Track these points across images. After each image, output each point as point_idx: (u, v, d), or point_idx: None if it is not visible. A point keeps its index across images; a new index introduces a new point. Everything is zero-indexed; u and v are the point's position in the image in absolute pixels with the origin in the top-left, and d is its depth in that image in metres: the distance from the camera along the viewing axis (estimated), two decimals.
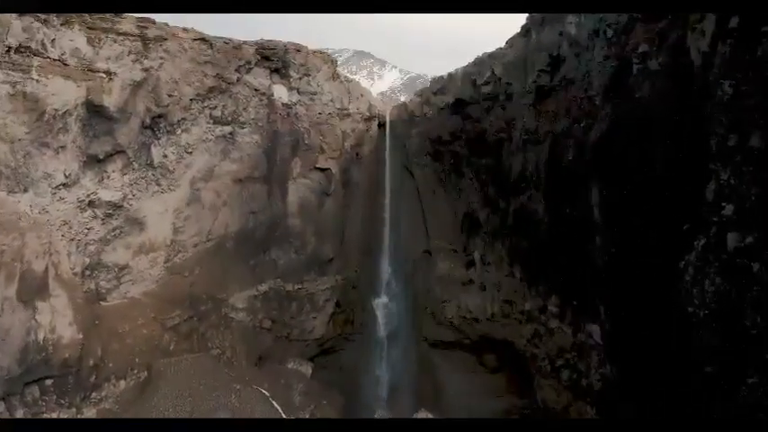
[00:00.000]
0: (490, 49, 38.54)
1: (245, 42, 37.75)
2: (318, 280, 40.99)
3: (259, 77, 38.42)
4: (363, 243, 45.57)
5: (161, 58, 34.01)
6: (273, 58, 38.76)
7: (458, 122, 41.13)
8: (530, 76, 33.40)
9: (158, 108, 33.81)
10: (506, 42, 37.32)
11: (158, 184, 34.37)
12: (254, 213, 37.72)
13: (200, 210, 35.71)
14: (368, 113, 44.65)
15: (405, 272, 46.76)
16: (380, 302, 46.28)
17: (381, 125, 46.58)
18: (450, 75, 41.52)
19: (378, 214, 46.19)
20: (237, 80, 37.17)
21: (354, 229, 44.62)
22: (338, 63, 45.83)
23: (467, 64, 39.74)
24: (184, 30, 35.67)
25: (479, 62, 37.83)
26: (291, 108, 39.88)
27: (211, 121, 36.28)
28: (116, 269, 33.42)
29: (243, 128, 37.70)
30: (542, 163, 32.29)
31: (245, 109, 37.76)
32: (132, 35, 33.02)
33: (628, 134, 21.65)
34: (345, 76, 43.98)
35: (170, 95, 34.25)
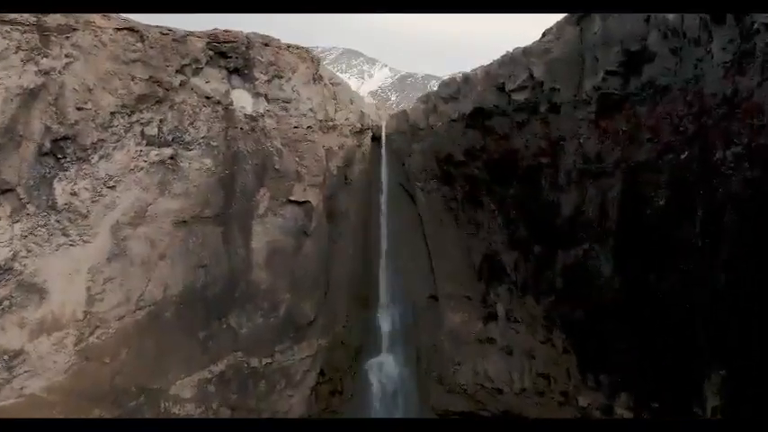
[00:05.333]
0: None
1: (190, 33, 27.62)
2: (295, 348, 31.12)
3: (212, 80, 28.43)
4: (354, 289, 35.99)
5: (68, 55, 24.09)
6: (232, 55, 28.73)
7: (476, 138, 31.48)
8: (589, 79, 23.77)
9: (63, 127, 23.87)
10: (544, 33, 27.60)
11: (65, 234, 24.35)
12: (205, 267, 27.74)
13: (128, 267, 25.70)
14: (359, 125, 34.85)
15: (405, 323, 37.25)
16: (375, 363, 36.81)
17: (376, 138, 36.87)
18: (465, 76, 31.72)
19: (372, 251, 36.76)
20: (181, 84, 27.15)
21: (342, 271, 34.92)
22: (327, 62, 36.11)
23: (490, 62, 29.95)
24: (105, 16, 25.55)
25: (509, 60, 28.06)
26: (257, 121, 29.90)
27: (144, 142, 26.24)
28: (6, 357, 23.29)
29: (189, 149, 27.67)
30: (612, 206, 22.69)
31: (192, 124, 27.71)
32: (24, 24, 23.14)
33: None
34: (331, 78, 34.02)
35: (81, 108, 24.29)
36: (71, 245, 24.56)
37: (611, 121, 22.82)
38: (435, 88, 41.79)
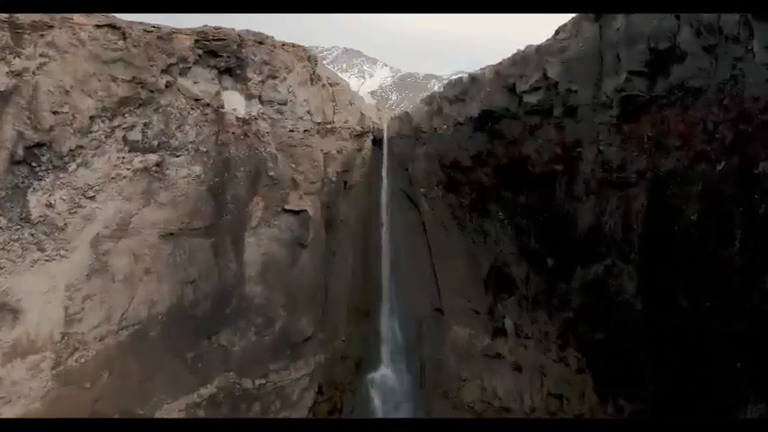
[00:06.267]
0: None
1: (177, 31, 25.62)
2: (291, 367, 29.22)
3: (201, 81, 26.49)
4: (354, 301, 34.11)
5: (42, 55, 22.16)
6: (223, 54, 26.78)
7: (484, 143, 29.62)
8: (609, 80, 21.85)
9: (38, 132, 21.89)
10: (558, 31, 25.59)
11: (41, 249, 22.40)
12: (194, 282, 25.85)
13: (109, 284, 23.79)
14: (359, 127, 32.91)
15: (408, 336, 35.33)
16: (377, 378, 34.92)
17: (377, 141, 34.90)
18: (473, 77, 29.76)
19: (373, 261, 34.77)
20: (167, 86, 25.19)
21: (342, 283, 33.02)
22: (326, 62, 34.06)
23: (499, 61, 27.94)
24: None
25: (521, 59, 26.09)
26: (250, 124, 28.00)
27: (126, 148, 24.30)
28: None
29: (176, 155, 25.74)
30: (637, 219, 20.72)
31: (179, 128, 25.77)
32: None
33: None
34: (329, 78, 31.99)
35: (57, 112, 22.30)
36: (47, 260, 22.62)
37: (635, 125, 20.88)
38: (436, 87, 39.91)
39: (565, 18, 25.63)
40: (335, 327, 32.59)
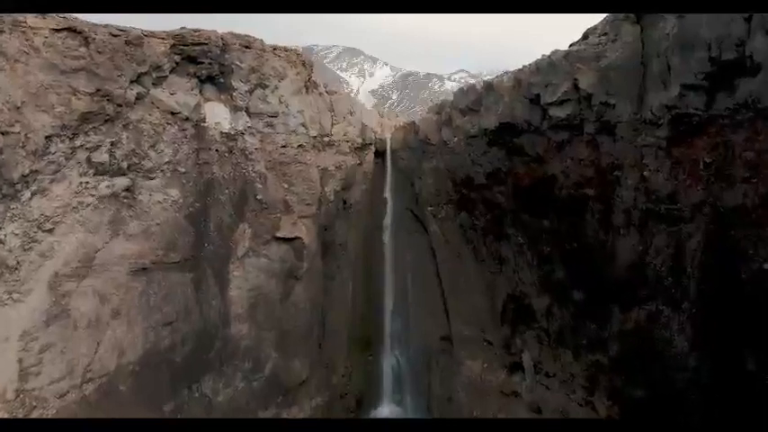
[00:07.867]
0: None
1: (150, 35, 22.25)
2: (284, 413, 25.99)
3: (178, 92, 23.22)
4: (355, 332, 31.03)
5: None
6: (204, 60, 23.49)
7: (501, 159, 26.32)
8: (656, 94, 18.43)
9: None
10: (587, 34, 22.32)
11: None
12: (172, 324, 22.60)
13: (70, 331, 20.57)
14: (360, 140, 29.62)
15: (415, 370, 32.14)
16: (379, 416, 31.71)
17: (379, 154, 31.61)
18: (488, 84, 26.40)
19: (375, 288, 31.53)
20: (138, 98, 21.89)
21: (341, 314, 29.86)
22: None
23: (521, 67, 24.57)
24: (38, 15, 20.25)
25: (547, 66, 22.68)
26: (236, 140, 24.74)
27: (90, 172, 21.03)
28: None
29: (150, 178, 22.45)
30: (691, 261, 17.34)
31: (153, 146, 22.48)
32: None
33: None
34: (326, 85, 28.64)
35: (6, 132, 19.13)
36: None
37: (687, 149, 17.49)
38: (437, 86, 36.84)
39: (587, 18, 22.24)
40: (334, 362, 29.38)
